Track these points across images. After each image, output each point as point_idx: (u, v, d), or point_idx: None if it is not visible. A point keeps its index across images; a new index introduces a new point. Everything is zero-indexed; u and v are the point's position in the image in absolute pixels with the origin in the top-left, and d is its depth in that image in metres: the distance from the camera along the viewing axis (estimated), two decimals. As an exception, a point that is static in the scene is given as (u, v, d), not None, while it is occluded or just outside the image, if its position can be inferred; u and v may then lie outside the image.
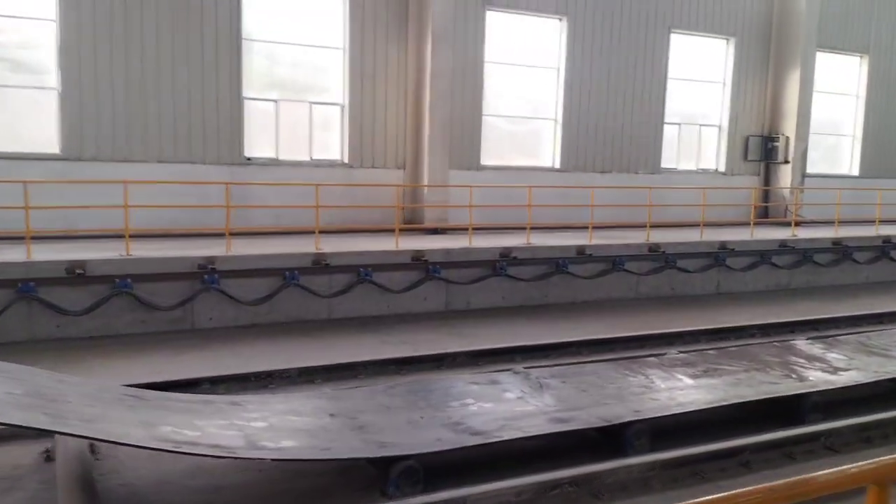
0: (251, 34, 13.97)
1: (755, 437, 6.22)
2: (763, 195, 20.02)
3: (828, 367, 8.24)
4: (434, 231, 14.95)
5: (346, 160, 14.96)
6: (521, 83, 16.95)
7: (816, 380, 7.76)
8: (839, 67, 21.26)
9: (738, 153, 19.70)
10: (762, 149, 19.80)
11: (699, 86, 19.12)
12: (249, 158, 14.12)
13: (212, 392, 7.59)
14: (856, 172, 21.72)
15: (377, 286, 11.97)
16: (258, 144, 14.30)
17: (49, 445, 5.94)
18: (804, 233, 17.16)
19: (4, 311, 9.67)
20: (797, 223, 18.30)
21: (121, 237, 11.07)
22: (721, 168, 19.52)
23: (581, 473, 5.55)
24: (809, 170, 20.58)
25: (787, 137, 19.51)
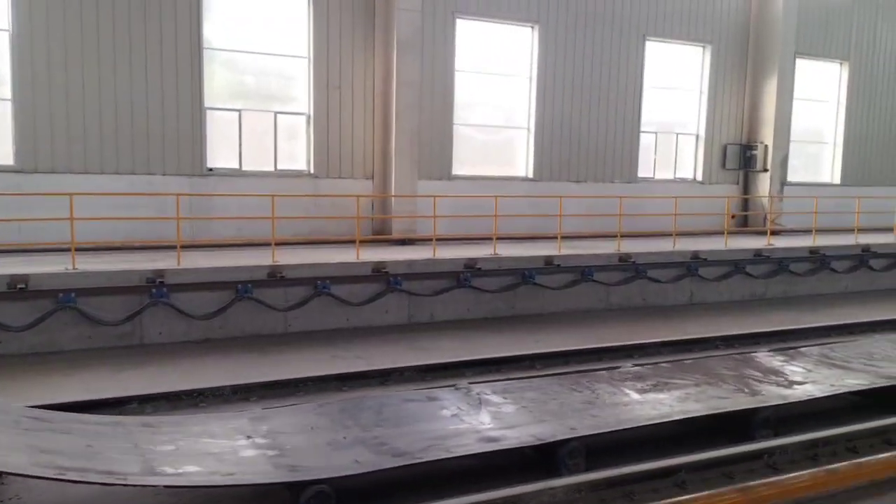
0: (213, 43, 13.74)
1: (691, 456, 5.92)
2: (742, 204, 19.79)
3: (783, 381, 7.96)
4: (402, 242, 14.69)
5: (312, 171, 14.70)
6: (494, 92, 16.73)
7: (768, 394, 7.48)
8: (819, 74, 21.07)
9: (717, 162, 19.46)
10: (741, 157, 19.56)
11: (676, 94, 18.90)
12: (211, 169, 13.86)
13: (139, 412, 7.31)
14: (837, 181, 21.47)
15: (336, 299, 11.69)
16: (221, 155, 14.04)
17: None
18: (781, 242, 16.90)
19: (-58, 328, 9.40)
20: (775, 232, 18.05)
21: (78, 250, 10.79)
22: (699, 177, 19.27)
23: (501, 497, 5.24)
24: (791, 178, 20.38)
25: (766, 145, 19.28)
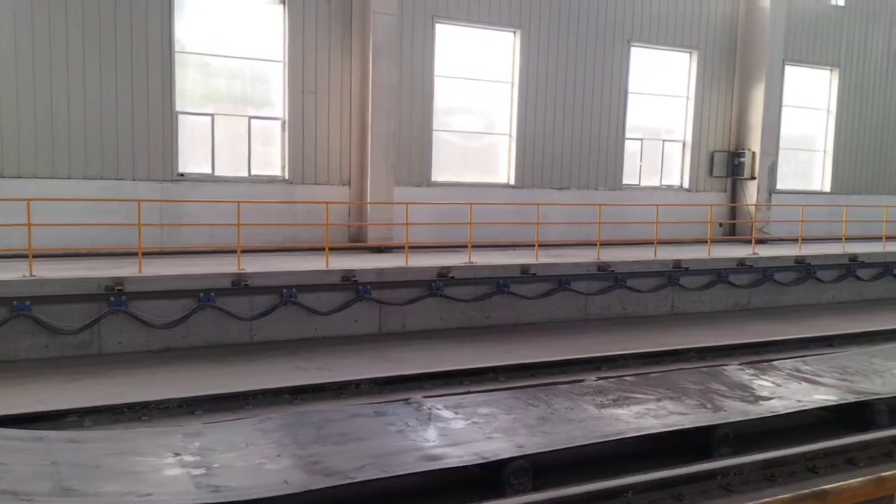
0: (185, 46, 13.52)
1: (639, 476, 5.65)
2: (730, 212, 19.52)
3: (749, 397, 7.69)
4: (378, 250, 14.45)
5: (287, 176, 14.46)
6: (475, 98, 16.50)
7: (731, 410, 7.21)
8: (810, 81, 20.82)
9: (704, 169, 19.21)
10: (728, 164, 19.31)
11: (662, 100, 18.65)
12: (182, 174, 13.63)
13: (78, 425, 7.05)
14: (828, 189, 21.20)
15: (303, 308, 11.44)
16: (193, 160, 13.81)
17: None
18: (766, 251, 16.63)
19: None
20: (762, 241, 17.79)
21: (41, 257, 10.58)
22: (686, 184, 19.02)
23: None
24: (780, 186, 20.14)
25: (754, 153, 19.02)
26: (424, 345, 11.52)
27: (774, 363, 9.20)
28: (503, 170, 16.85)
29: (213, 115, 13.88)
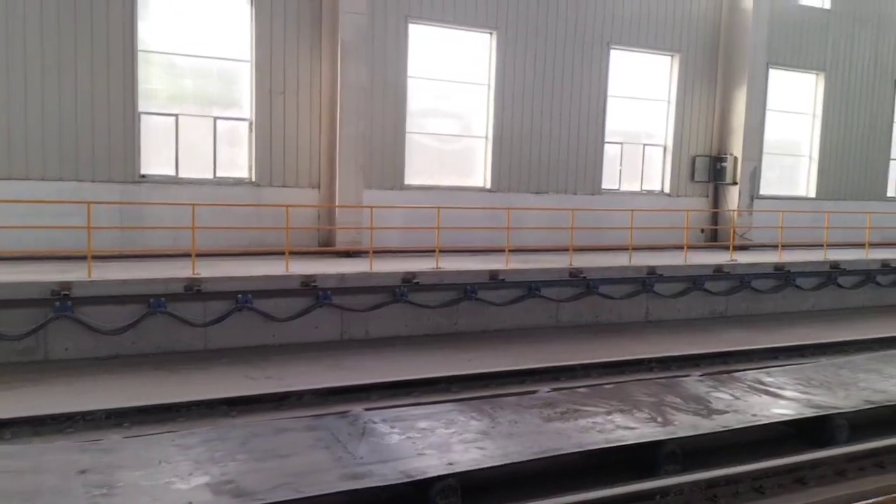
0: (148, 44, 13.22)
1: (570, 496, 5.34)
2: (712, 218, 19.22)
3: (703, 410, 7.37)
4: (347, 254, 14.14)
5: (254, 178, 14.15)
6: (451, 100, 16.21)
7: (681, 424, 6.89)
8: (795, 85, 20.53)
9: (685, 174, 18.90)
10: (710, 169, 19.00)
11: (642, 104, 18.35)
12: (144, 176, 13.32)
13: (-3, 437, 6.75)
14: (812, 194, 20.90)
15: (260, 314, 11.12)
16: (156, 161, 13.50)
17: None
18: (746, 257, 16.32)
19: None
20: (743, 247, 17.49)
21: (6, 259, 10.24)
22: (667, 189, 18.71)
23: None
24: (765, 191, 19.83)
25: (736, 157, 18.73)
26: (385, 352, 11.21)
27: (735, 374, 8.88)
28: (479, 173, 16.54)
29: (178, 116, 13.55)
